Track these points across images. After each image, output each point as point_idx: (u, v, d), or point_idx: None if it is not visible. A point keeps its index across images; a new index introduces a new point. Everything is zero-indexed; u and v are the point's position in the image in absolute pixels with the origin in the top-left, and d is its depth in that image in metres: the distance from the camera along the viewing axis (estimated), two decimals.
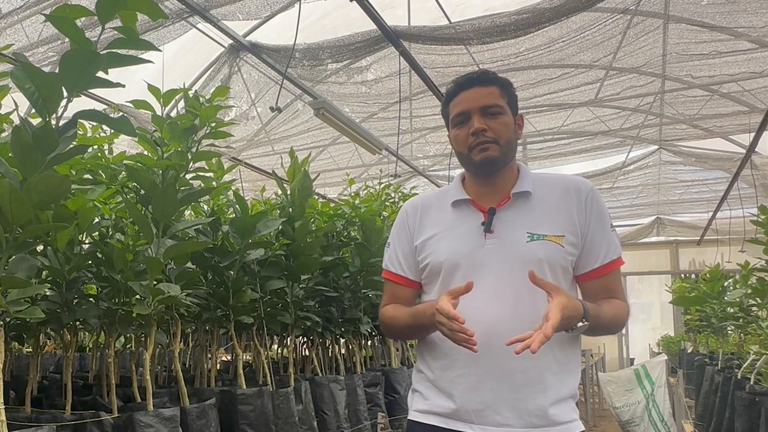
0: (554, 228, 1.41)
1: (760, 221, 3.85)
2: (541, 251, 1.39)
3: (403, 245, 1.59)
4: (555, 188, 1.47)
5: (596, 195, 1.48)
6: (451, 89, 1.51)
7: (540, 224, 1.42)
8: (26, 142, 1.58)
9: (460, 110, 1.46)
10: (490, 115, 1.44)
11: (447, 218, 1.52)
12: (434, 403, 1.45)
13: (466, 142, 1.45)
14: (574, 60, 5.58)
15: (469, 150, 1.45)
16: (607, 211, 1.49)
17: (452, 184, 1.58)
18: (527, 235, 1.41)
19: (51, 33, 4.06)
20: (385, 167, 6.74)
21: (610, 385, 6.14)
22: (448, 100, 1.51)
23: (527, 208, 1.45)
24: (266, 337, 3.28)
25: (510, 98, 1.48)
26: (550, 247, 1.40)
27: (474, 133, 1.43)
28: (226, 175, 2.83)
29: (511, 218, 1.44)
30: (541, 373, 1.37)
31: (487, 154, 1.43)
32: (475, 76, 1.48)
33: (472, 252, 1.43)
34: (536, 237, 1.41)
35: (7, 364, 2.68)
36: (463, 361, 1.40)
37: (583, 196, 1.46)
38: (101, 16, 1.54)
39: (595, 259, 1.43)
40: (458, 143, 1.48)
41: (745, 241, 5.42)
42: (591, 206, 1.45)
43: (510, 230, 1.43)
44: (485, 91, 1.45)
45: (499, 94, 1.46)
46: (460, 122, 1.47)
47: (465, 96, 1.46)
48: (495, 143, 1.43)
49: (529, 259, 1.39)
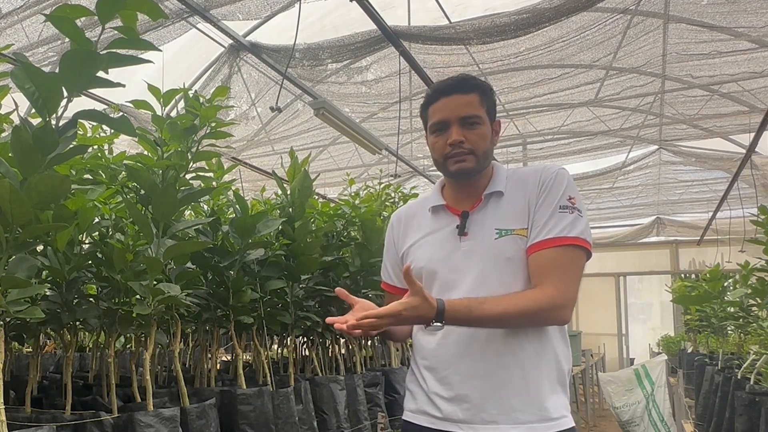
0: (519, 221, 1.41)
1: (760, 221, 3.85)
2: (509, 248, 1.39)
3: (390, 256, 1.66)
4: (525, 180, 1.46)
5: (557, 177, 1.41)
6: (430, 95, 1.51)
7: (508, 220, 1.42)
8: (26, 142, 1.57)
9: (438, 119, 1.47)
10: (469, 125, 1.44)
11: (426, 224, 1.55)
12: (423, 403, 1.47)
13: (443, 151, 1.46)
14: (574, 60, 5.58)
15: (445, 159, 1.46)
16: (564, 193, 1.39)
17: (432, 191, 1.60)
18: (495, 232, 1.42)
19: (51, 33, 4.06)
20: (385, 167, 6.74)
21: (610, 385, 6.15)
22: (427, 105, 1.51)
23: (497, 207, 1.45)
24: (266, 337, 3.27)
25: (489, 105, 1.48)
26: (517, 242, 1.40)
27: (451, 144, 1.44)
28: (226, 175, 2.83)
29: (483, 219, 1.45)
30: (522, 368, 1.37)
31: (463, 165, 1.44)
32: (456, 83, 1.47)
33: (448, 256, 1.45)
34: (504, 233, 1.41)
35: (7, 364, 2.68)
36: (447, 361, 1.42)
37: (543, 180, 1.42)
38: (101, 16, 1.54)
39: (530, 239, 1.39)
40: (435, 150, 1.49)
41: (745, 241, 5.42)
42: (545, 188, 1.40)
43: (481, 231, 1.44)
44: (465, 99, 1.44)
45: (479, 102, 1.45)
46: (438, 130, 1.47)
47: (445, 103, 1.46)
48: (472, 154, 1.44)
49: (496, 257, 1.40)
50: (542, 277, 1.35)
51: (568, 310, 1.36)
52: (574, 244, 1.36)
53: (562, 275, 1.34)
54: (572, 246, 1.36)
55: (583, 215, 1.39)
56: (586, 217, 1.40)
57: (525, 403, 1.36)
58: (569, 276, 1.35)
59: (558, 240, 1.35)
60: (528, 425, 1.35)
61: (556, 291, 1.33)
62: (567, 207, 1.37)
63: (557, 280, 1.34)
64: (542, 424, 1.35)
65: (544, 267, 1.35)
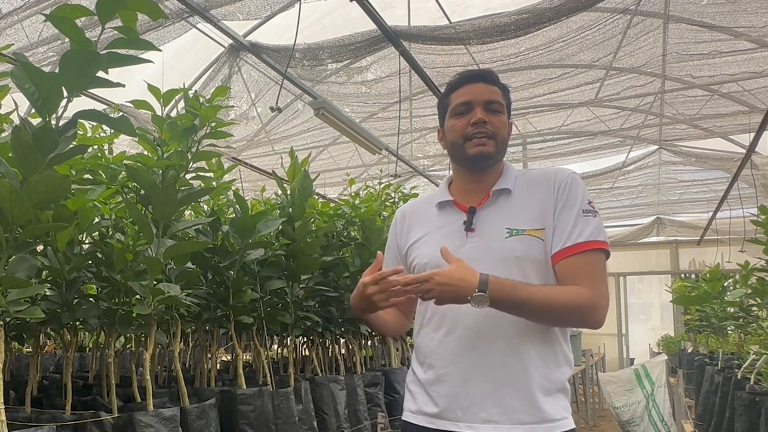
0: (533, 222, 1.41)
1: (760, 221, 3.85)
2: (518, 248, 1.39)
3: (393, 253, 1.65)
4: (536, 182, 1.47)
5: (572, 181, 1.43)
6: (454, 81, 1.53)
7: (519, 219, 1.42)
8: (26, 142, 1.57)
9: (463, 100, 1.48)
10: (492, 111, 1.46)
11: (432, 220, 1.54)
12: (423, 403, 1.47)
13: (464, 131, 1.46)
14: (574, 60, 5.58)
15: (465, 140, 1.46)
16: (583, 197, 1.41)
17: (439, 188, 1.60)
18: (506, 230, 1.41)
19: (51, 33, 4.06)
20: (385, 167, 6.75)
21: (610, 385, 6.15)
22: (450, 91, 1.53)
23: (507, 205, 1.45)
24: (266, 337, 3.27)
25: (508, 103, 1.52)
26: (528, 242, 1.40)
27: (474, 124, 1.45)
28: (226, 175, 2.83)
29: (491, 216, 1.45)
30: (525, 369, 1.37)
31: (483, 149, 1.45)
32: (482, 73, 1.51)
33: (454, 252, 1.43)
34: (515, 232, 1.41)
35: (7, 364, 2.68)
36: (448, 359, 1.42)
37: (558, 183, 1.43)
38: (101, 16, 1.54)
39: (557, 243, 1.39)
40: (454, 132, 1.49)
41: (745, 241, 5.42)
42: (563, 191, 1.42)
43: (489, 228, 1.44)
44: (490, 88, 1.48)
45: (501, 95, 1.49)
46: (461, 112, 1.48)
47: (470, 89, 1.48)
48: (492, 138, 1.45)
49: (505, 256, 1.40)
50: (578, 281, 1.35)
51: (605, 312, 1.36)
52: (602, 249, 1.38)
53: (597, 279, 1.36)
54: (600, 250, 1.38)
55: (601, 219, 1.42)
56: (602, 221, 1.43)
57: (525, 404, 1.35)
58: (602, 279, 1.38)
59: (588, 244, 1.37)
60: (528, 426, 1.34)
61: (595, 292, 1.34)
62: (589, 211, 1.40)
63: (593, 283, 1.35)
64: (542, 425, 1.35)
65: (578, 271, 1.36)
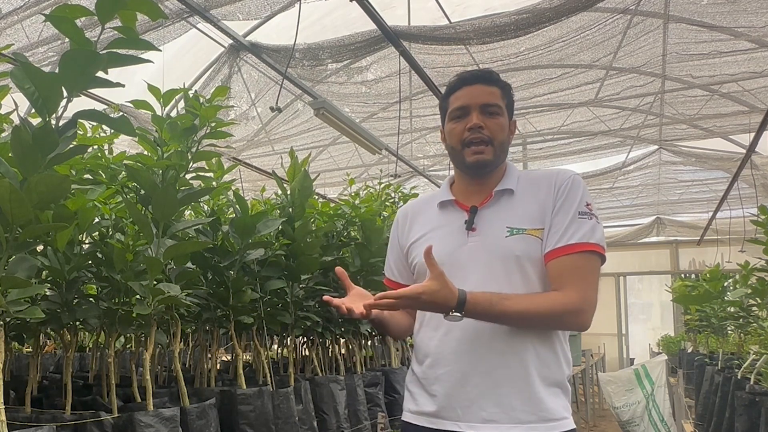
0: (534, 221, 1.41)
1: (760, 221, 3.85)
2: (519, 247, 1.39)
3: (394, 252, 1.66)
4: (539, 182, 1.46)
5: (573, 183, 1.42)
6: (453, 83, 1.52)
7: (520, 219, 1.42)
8: (26, 142, 1.57)
9: (460, 104, 1.47)
10: (489, 114, 1.45)
11: (433, 220, 1.54)
12: (423, 403, 1.46)
13: (461, 137, 1.46)
14: (574, 60, 5.58)
15: (463, 146, 1.46)
16: (581, 199, 1.40)
17: (441, 187, 1.60)
18: (507, 230, 1.41)
19: (51, 33, 4.06)
20: (385, 167, 6.75)
21: (610, 385, 6.15)
22: (449, 93, 1.52)
23: (509, 205, 1.45)
24: (266, 337, 3.27)
25: (509, 102, 1.50)
26: (528, 241, 1.40)
27: (470, 129, 1.44)
28: (226, 175, 2.83)
29: (493, 215, 1.45)
30: (524, 368, 1.37)
31: (481, 157, 1.44)
32: (480, 74, 1.49)
33: (455, 251, 1.44)
34: (516, 231, 1.41)
35: (7, 364, 2.68)
36: (448, 358, 1.42)
37: (558, 184, 1.43)
38: (101, 16, 1.54)
39: (549, 243, 1.39)
40: (452, 137, 1.49)
41: (745, 241, 5.42)
42: (562, 192, 1.41)
43: (491, 227, 1.43)
44: (487, 89, 1.46)
45: (500, 95, 1.48)
46: (458, 116, 1.47)
47: (467, 91, 1.47)
48: (489, 144, 1.44)
49: (505, 255, 1.40)
50: (564, 282, 1.35)
51: (589, 316, 1.36)
52: (594, 251, 1.37)
53: (584, 281, 1.36)
54: (592, 252, 1.37)
55: (599, 222, 1.41)
56: (601, 224, 1.42)
57: (525, 403, 1.35)
58: (590, 282, 1.37)
59: (579, 246, 1.36)
60: (528, 425, 1.34)
61: (579, 296, 1.34)
62: (586, 213, 1.39)
63: (579, 285, 1.35)
64: (542, 424, 1.35)
65: (566, 272, 1.36)
